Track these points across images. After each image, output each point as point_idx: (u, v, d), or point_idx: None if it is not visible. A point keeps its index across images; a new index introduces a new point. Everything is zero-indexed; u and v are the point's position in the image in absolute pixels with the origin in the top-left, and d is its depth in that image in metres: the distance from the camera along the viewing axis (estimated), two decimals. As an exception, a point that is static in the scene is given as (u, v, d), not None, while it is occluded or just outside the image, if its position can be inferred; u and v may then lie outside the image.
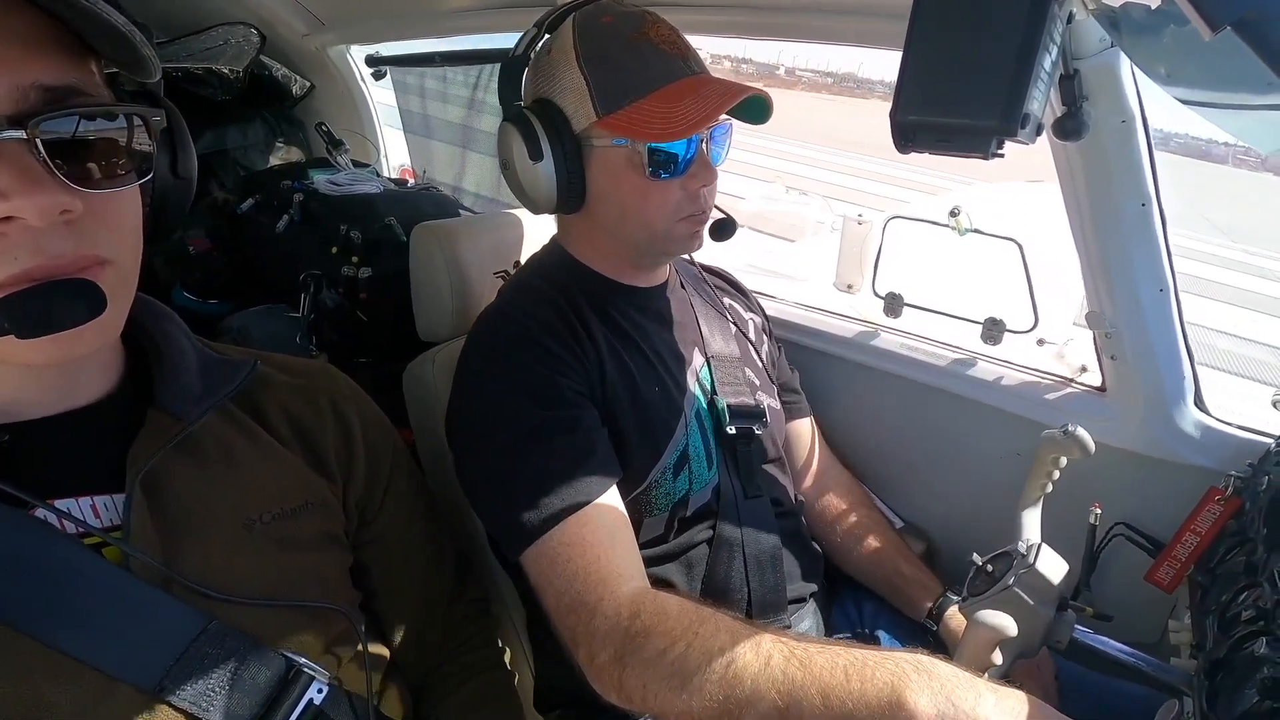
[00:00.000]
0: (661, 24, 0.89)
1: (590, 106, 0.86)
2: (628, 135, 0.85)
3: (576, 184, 0.89)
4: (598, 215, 0.93)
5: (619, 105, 0.85)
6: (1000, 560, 0.85)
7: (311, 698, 0.59)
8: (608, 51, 0.86)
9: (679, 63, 0.87)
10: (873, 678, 0.59)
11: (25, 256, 0.47)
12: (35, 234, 0.47)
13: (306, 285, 1.37)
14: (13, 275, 0.47)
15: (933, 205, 4.10)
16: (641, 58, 0.86)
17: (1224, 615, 0.72)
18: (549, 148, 0.87)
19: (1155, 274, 0.98)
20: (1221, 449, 1.02)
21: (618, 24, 0.87)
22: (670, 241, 0.93)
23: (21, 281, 0.48)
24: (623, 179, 0.88)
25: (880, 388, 1.27)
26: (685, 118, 0.83)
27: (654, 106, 0.84)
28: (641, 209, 0.89)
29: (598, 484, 0.81)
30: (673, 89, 0.85)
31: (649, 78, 0.85)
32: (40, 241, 0.48)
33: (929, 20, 0.55)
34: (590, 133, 0.87)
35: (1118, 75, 0.84)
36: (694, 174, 0.88)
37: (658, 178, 0.87)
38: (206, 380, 0.64)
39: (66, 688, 0.51)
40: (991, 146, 0.57)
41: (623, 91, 0.85)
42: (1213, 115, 0.59)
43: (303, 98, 2.17)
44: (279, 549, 0.63)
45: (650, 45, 0.87)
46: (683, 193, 0.89)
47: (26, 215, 0.46)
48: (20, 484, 0.52)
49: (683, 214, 0.90)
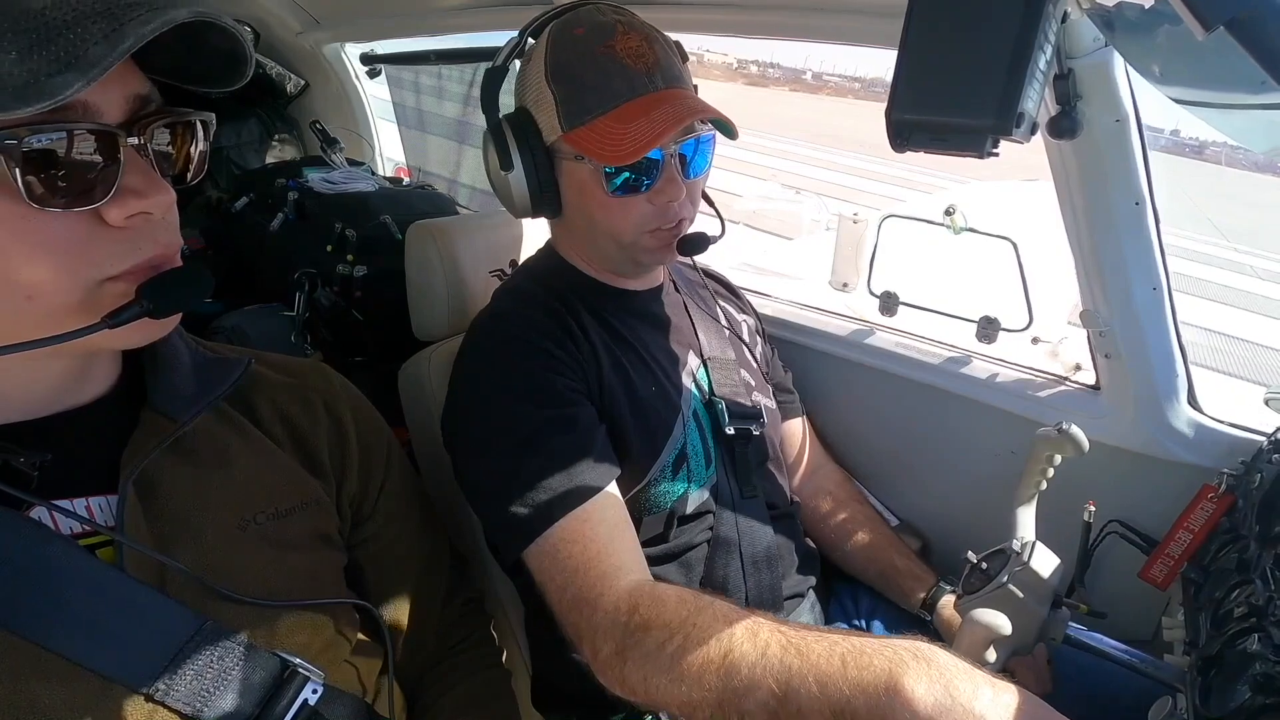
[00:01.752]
0: (632, 35, 0.86)
1: (556, 120, 0.87)
2: (585, 154, 0.86)
3: (549, 193, 0.90)
4: (573, 224, 0.94)
5: (582, 121, 0.85)
6: (995, 558, 0.86)
7: (306, 698, 0.59)
8: (573, 66, 0.86)
9: (641, 78, 0.85)
10: (870, 665, 0.59)
11: (148, 247, 0.53)
12: (154, 226, 0.53)
13: (301, 284, 1.37)
14: (134, 266, 0.52)
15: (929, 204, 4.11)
16: (604, 73, 0.85)
17: (1217, 612, 0.72)
18: (519, 158, 0.88)
19: (1149, 273, 0.98)
20: (1214, 446, 1.03)
21: (588, 35, 0.86)
22: (640, 251, 0.93)
23: (141, 272, 0.53)
24: (588, 193, 0.89)
25: (875, 386, 1.28)
26: (635, 139, 0.82)
27: (609, 126, 0.84)
28: (608, 222, 0.90)
29: (597, 480, 0.81)
30: (627, 109, 0.84)
31: (609, 94, 0.85)
32: (156, 233, 0.54)
33: (924, 19, 0.55)
34: (558, 146, 0.88)
35: (1112, 74, 0.84)
36: (659, 189, 0.88)
37: (621, 194, 0.87)
38: (200, 380, 0.64)
39: (59, 689, 0.51)
40: (987, 145, 0.57)
41: (584, 108, 0.85)
42: (1206, 114, 0.60)
43: (297, 96, 2.16)
44: (273, 549, 0.63)
45: (614, 60, 0.85)
46: (650, 206, 0.89)
47: (155, 211, 0.52)
48: (15, 484, 0.51)
49: (650, 226, 0.90)
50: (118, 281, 0.52)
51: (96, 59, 0.43)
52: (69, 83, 0.43)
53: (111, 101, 0.50)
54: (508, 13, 1.47)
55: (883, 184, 12.79)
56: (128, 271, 0.52)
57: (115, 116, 0.51)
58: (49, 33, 0.44)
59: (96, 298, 0.51)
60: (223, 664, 0.56)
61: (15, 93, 0.42)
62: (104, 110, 0.50)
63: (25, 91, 0.42)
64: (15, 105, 0.43)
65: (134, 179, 0.51)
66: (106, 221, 0.50)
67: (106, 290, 0.52)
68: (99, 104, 0.49)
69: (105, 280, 0.51)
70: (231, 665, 0.56)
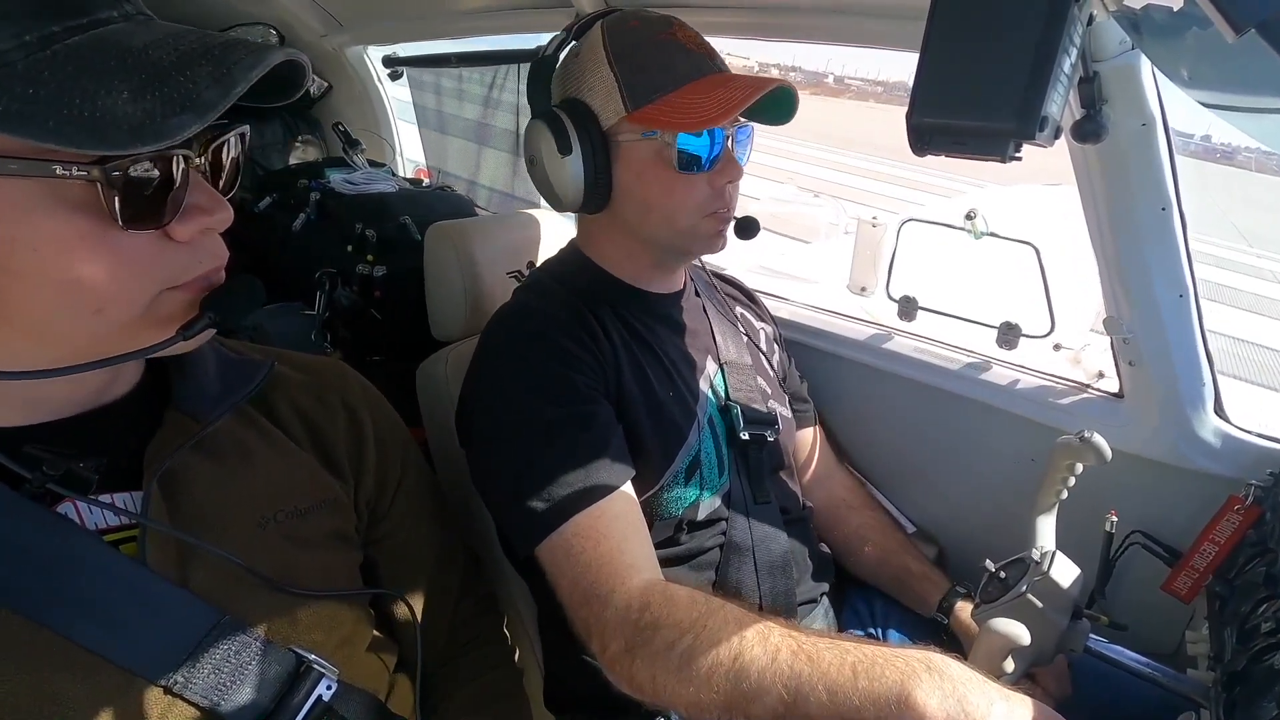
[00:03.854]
0: (687, 27, 0.92)
1: (619, 102, 0.87)
2: (658, 127, 0.86)
3: (603, 180, 0.90)
4: (622, 213, 0.93)
5: (649, 99, 0.87)
6: (1013, 567, 0.85)
7: (321, 693, 0.60)
8: (636, 50, 0.88)
9: (705, 60, 0.90)
10: (881, 676, 0.58)
11: (208, 260, 0.55)
12: (211, 240, 0.55)
13: (321, 283, 1.39)
14: (195, 278, 0.54)
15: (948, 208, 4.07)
16: (669, 55, 0.88)
17: (1243, 627, 0.71)
18: (578, 143, 0.88)
19: (1175, 279, 0.96)
20: (1241, 457, 1.01)
21: (645, 26, 0.90)
22: (694, 239, 0.93)
23: (199, 284, 0.55)
24: (649, 174, 0.89)
25: (893, 391, 1.26)
26: (717, 107, 0.84)
27: (684, 99, 0.86)
28: (667, 203, 0.90)
29: (613, 478, 0.81)
30: (702, 83, 0.87)
31: (678, 74, 0.87)
32: (214, 247, 0.55)
33: (946, 22, 0.55)
34: (618, 128, 0.89)
35: (1138, 78, 0.83)
36: (720, 170, 0.89)
37: (685, 171, 0.88)
38: (224, 381, 0.65)
39: (82, 681, 0.51)
40: (1009, 149, 0.57)
41: (652, 87, 0.87)
42: (1235, 119, 0.59)
43: (320, 98, 2.19)
44: (290, 547, 0.63)
45: (677, 44, 0.89)
46: (709, 188, 0.90)
47: (219, 227, 0.54)
48: (43, 480, 0.52)
49: (707, 210, 0.91)
50: (176, 292, 0.54)
51: (211, 102, 0.45)
52: (186, 124, 0.45)
53: None
54: (529, 15, 1.48)
55: (902, 188, 12.69)
56: (186, 284, 0.54)
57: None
58: (159, 74, 0.45)
59: (155, 309, 0.53)
60: (240, 658, 0.57)
61: (132, 131, 0.44)
62: None
63: (142, 131, 0.44)
64: (132, 143, 0.44)
65: (199, 196, 0.53)
66: (172, 237, 0.52)
67: (164, 300, 0.53)
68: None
69: (163, 291, 0.53)
70: (249, 659, 0.57)
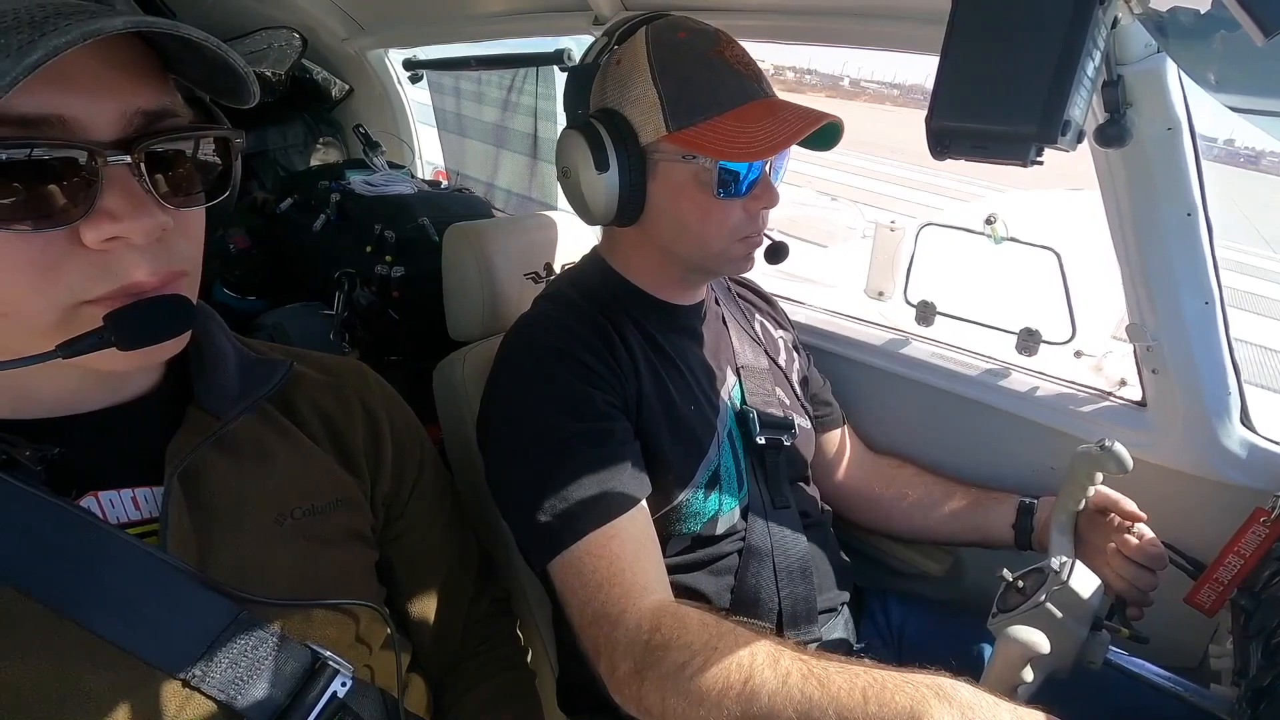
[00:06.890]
0: (735, 44, 0.88)
1: (660, 120, 0.85)
2: (700, 151, 0.84)
3: (637, 197, 0.88)
4: (653, 230, 0.92)
5: (691, 121, 0.84)
6: (1032, 576, 0.84)
7: (335, 690, 0.60)
8: (682, 67, 0.85)
9: (753, 85, 0.86)
10: (891, 701, 0.58)
11: (124, 273, 0.50)
12: (135, 251, 0.50)
13: (340, 283, 1.40)
14: (112, 291, 0.50)
15: (967, 212, 4.03)
16: (717, 76, 0.85)
17: (1269, 642, 0.69)
18: (615, 160, 0.86)
19: (1201, 285, 0.95)
20: (1268, 468, 0.98)
21: (692, 40, 0.87)
22: (725, 261, 0.92)
23: (120, 297, 0.50)
24: (685, 195, 0.87)
25: (910, 397, 1.25)
26: (765, 140, 0.82)
27: (729, 125, 0.83)
28: (701, 226, 0.88)
29: (627, 497, 0.81)
30: (749, 110, 0.84)
31: (724, 97, 0.84)
32: (138, 258, 0.50)
33: (968, 24, 0.54)
34: (657, 146, 0.86)
35: (1164, 81, 0.82)
36: (757, 195, 0.88)
37: (722, 196, 0.86)
38: (245, 380, 0.66)
39: (104, 673, 0.52)
40: (1030, 154, 0.56)
41: (697, 108, 0.84)
42: (1264, 122, 0.58)
43: (342, 100, 2.22)
44: (307, 544, 0.64)
45: (725, 64, 0.86)
46: (744, 213, 0.89)
47: (134, 236, 0.49)
48: (66, 475, 0.54)
49: (740, 234, 0.90)
50: (95, 305, 0.49)
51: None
52: None
53: (101, 117, 0.48)
54: (548, 19, 1.48)
55: (921, 192, 12.58)
56: (104, 296, 0.49)
57: (108, 133, 0.48)
58: None
59: (73, 320, 0.49)
60: (256, 653, 0.57)
61: None
62: (90, 126, 0.47)
63: None
64: None
65: (114, 201, 0.48)
66: (84, 243, 0.48)
67: (85, 313, 0.49)
68: (83, 119, 0.47)
69: (83, 303, 0.49)
70: (265, 655, 0.58)
